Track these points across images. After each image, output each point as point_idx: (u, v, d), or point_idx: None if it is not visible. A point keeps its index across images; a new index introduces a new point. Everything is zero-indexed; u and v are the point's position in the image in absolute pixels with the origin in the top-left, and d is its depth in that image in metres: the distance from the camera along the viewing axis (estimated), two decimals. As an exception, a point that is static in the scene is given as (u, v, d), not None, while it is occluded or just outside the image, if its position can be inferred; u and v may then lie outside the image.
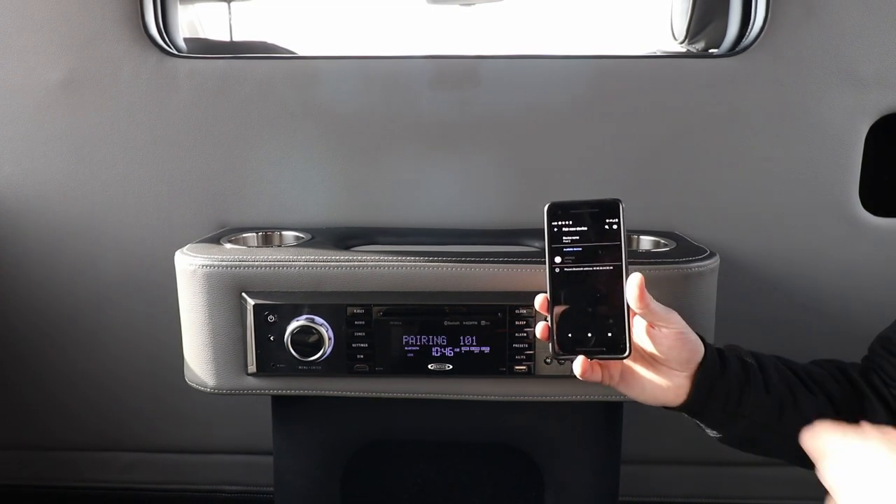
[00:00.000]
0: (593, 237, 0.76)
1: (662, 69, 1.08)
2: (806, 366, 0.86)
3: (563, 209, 0.76)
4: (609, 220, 0.75)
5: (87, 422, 1.32)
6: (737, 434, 0.81)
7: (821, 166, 1.08)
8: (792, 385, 0.81)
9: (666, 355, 0.77)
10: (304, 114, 1.11)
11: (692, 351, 0.77)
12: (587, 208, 0.76)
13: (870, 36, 1.04)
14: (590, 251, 0.76)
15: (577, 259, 0.76)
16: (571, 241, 0.76)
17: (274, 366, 0.95)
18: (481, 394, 0.97)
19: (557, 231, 0.76)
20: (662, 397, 0.79)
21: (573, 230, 0.76)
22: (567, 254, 0.76)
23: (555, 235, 0.76)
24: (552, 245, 0.76)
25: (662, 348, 0.76)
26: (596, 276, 0.76)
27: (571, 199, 0.76)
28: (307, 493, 1.14)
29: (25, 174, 1.15)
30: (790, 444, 0.76)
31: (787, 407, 0.79)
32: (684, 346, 0.77)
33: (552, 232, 0.76)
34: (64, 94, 1.11)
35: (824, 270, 1.13)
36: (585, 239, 0.76)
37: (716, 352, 0.81)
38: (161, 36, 1.12)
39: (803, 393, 0.81)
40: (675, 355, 0.77)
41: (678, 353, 0.77)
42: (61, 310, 1.23)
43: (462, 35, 2.20)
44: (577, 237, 0.76)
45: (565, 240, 0.76)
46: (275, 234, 1.13)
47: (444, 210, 1.14)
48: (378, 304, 0.93)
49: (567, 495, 1.12)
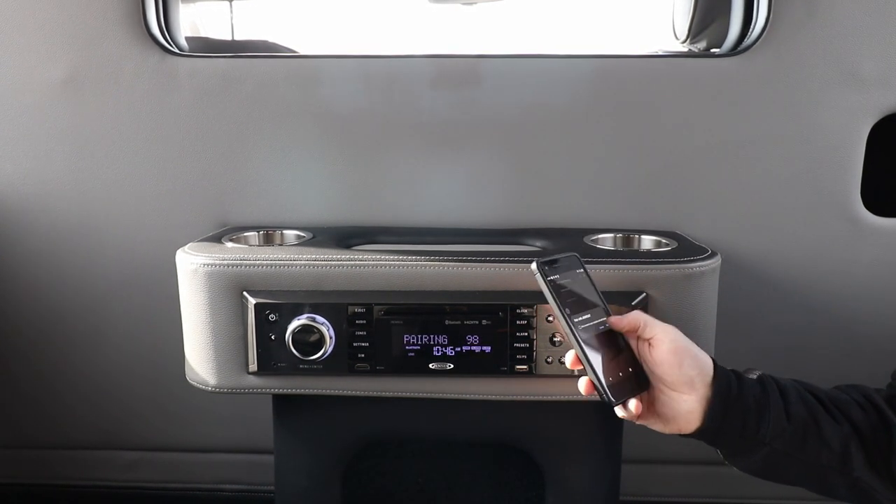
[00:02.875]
0: (577, 286, 0.78)
1: (664, 69, 1.08)
2: (828, 391, 0.80)
3: (549, 264, 0.77)
4: (578, 270, 0.79)
5: (89, 420, 1.32)
6: (757, 462, 0.76)
7: (822, 166, 1.08)
8: (814, 411, 0.75)
9: (667, 375, 0.74)
10: (305, 112, 1.11)
11: (693, 367, 0.74)
12: (565, 262, 0.79)
13: (871, 36, 1.04)
14: (581, 298, 0.78)
15: (580, 308, 0.77)
16: (567, 293, 0.77)
17: (275, 365, 0.95)
18: (482, 393, 0.97)
19: (555, 286, 0.77)
20: (676, 424, 0.76)
21: (564, 283, 0.77)
22: (570, 305, 0.76)
23: (555, 290, 0.76)
24: (557, 300, 0.76)
25: (662, 368, 0.74)
26: (603, 322, 0.78)
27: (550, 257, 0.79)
28: (308, 492, 1.14)
29: (26, 173, 1.15)
30: (815, 475, 0.73)
31: (811, 435, 0.74)
32: (682, 362, 0.74)
33: (551, 287, 0.76)
34: (65, 93, 1.11)
35: (826, 270, 1.13)
36: (575, 290, 0.78)
37: (731, 373, 0.76)
38: (163, 35, 1.12)
39: (827, 420, 0.75)
40: (674, 372, 0.74)
41: (678, 370, 0.74)
42: (62, 308, 1.23)
43: (463, 34, 2.19)
44: (569, 290, 0.77)
45: (563, 292, 0.77)
46: (276, 233, 1.13)
47: (445, 209, 1.14)
48: (379, 303, 0.93)
49: (567, 495, 1.12)
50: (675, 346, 0.75)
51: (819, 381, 1.19)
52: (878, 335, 1.16)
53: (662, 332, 0.76)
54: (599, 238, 1.07)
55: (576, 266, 0.79)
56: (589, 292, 0.79)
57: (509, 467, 1.15)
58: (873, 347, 1.17)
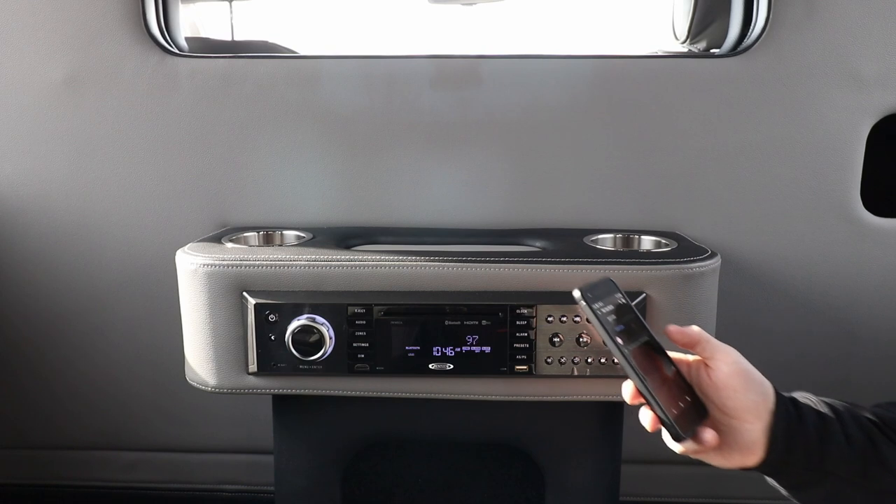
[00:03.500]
0: (620, 311, 0.71)
1: (664, 69, 1.08)
2: (875, 410, 0.74)
3: (591, 291, 0.70)
4: (616, 294, 0.71)
5: (88, 421, 1.32)
6: (820, 495, 0.69)
7: (822, 166, 1.08)
8: (870, 433, 0.69)
9: (728, 400, 0.67)
10: (305, 113, 1.11)
11: (757, 392, 0.68)
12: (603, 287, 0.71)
13: (871, 36, 1.04)
14: (627, 324, 0.70)
15: (628, 334, 0.70)
16: (615, 321, 0.69)
17: (275, 365, 0.95)
18: (482, 393, 0.97)
19: (601, 313, 0.69)
20: (738, 457, 0.69)
21: (607, 310, 0.70)
22: (620, 333, 0.69)
23: (602, 318, 0.69)
24: (606, 328, 0.68)
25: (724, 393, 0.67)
26: (648, 346, 0.71)
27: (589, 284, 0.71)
28: (308, 493, 1.14)
29: (26, 173, 1.15)
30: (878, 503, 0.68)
31: (871, 460, 0.68)
32: (747, 386, 0.67)
33: (598, 315, 0.68)
34: (65, 93, 1.11)
35: (825, 270, 1.13)
36: (618, 315, 0.70)
37: (788, 399, 0.70)
38: (163, 35, 1.12)
39: (884, 442, 0.69)
40: (738, 398, 0.67)
41: (742, 396, 0.67)
42: (62, 309, 1.23)
43: (463, 34, 2.20)
44: (613, 316, 0.70)
45: (610, 320, 0.69)
46: (276, 233, 1.13)
47: (444, 209, 1.15)
48: (379, 303, 0.93)
49: (568, 495, 1.12)
50: (738, 367, 0.68)
51: (819, 380, 1.20)
52: (878, 335, 1.16)
53: (723, 352, 0.69)
54: (599, 238, 1.08)
55: (613, 291, 0.72)
56: (632, 317, 0.71)
57: (509, 467, 1.15)
58: (873, 347, 1.17)
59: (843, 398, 1.24)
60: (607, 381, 0.95)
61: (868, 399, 1.20)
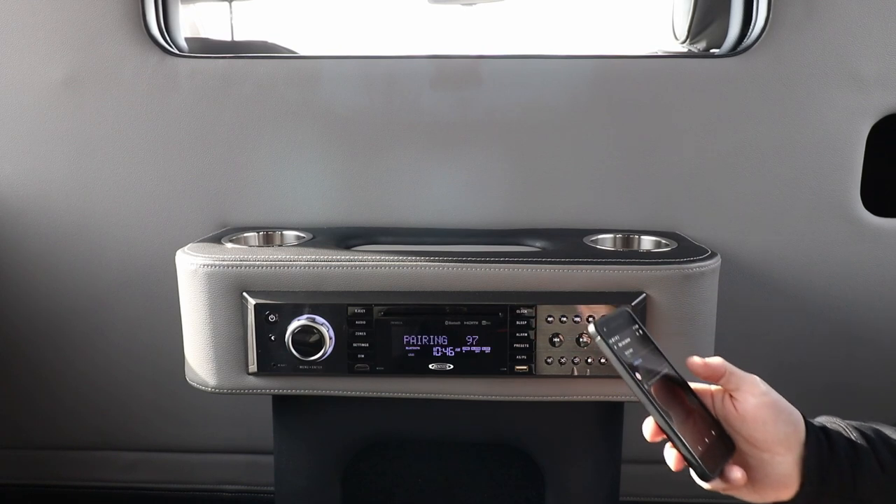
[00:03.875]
0: (638, 344, 0.68)
1: (664, 69, 1.08)
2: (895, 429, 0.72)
3: (606, 325, 0.67)
4: (633, 326, 0.69)
5: (88, 421, 1.32)
6: None
7: (822, 166, 1.08)
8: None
9: (758, 433, 0.65)
10: (305, 113, 1.11)
11: (787, 423, 0.65)
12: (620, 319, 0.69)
13: (871, 36, 1.04)
14: (646, 358, 0.68)
15: (648, 370, 0.67)
16: (632, 355, 0.67)
17: (275, 365, 0.95)
18: (482, 394, 0.97)
19: (617, 348, 0.66)
20: (770, 491, 0.66)
21: (624, 343, 0.67)
22: (638, 368, 0.66)
23: (618, 353, 0.66)
24: (623, 362, 0.66)
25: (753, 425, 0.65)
26: (668, 379, 0.68)
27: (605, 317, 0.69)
28: (308, 493, 1.14)
29: (26, 173, 1.15)
30: None
31: None
32: (778, 417, 0.65)
33: (614, 350, 0.66)
34: (65, 94, 1.11)
35: (825, 270, 1.13)
36: (635, 349, 0.68)
37: (818, 428, 0.67)
38: (162, 35, 1.12)
39: None
40: (768, 430, 0.64)
41: (772, 428, 0.64)
42: (62, 309, 1.23)
43: (463, 34, 2.20)
44: (630, 350, 0.67)
45: (627, 354, 0.67)
46: (276, 233, 1.13)
47: (444, 210, 1.15)
48: (379, 303, 0.93)
49: (567, 495, 1.12)
50: (768, 399, 0.65)
51: (820, 380, 1.20)
52: (878, 335, 1.16)
53: (750, 382, 0.66)
54: (599, 238, 1.08)
55: (630, 322, 0.69)
56: (650, 349, 0.69)
57: (509, 467, 1.15)
58: (873, 347, 1.17)
59: (843, 398, 1.24)
60: (607, 381, 0.95)
61: (868, 399, 1.21)
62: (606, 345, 0.66)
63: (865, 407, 1.20)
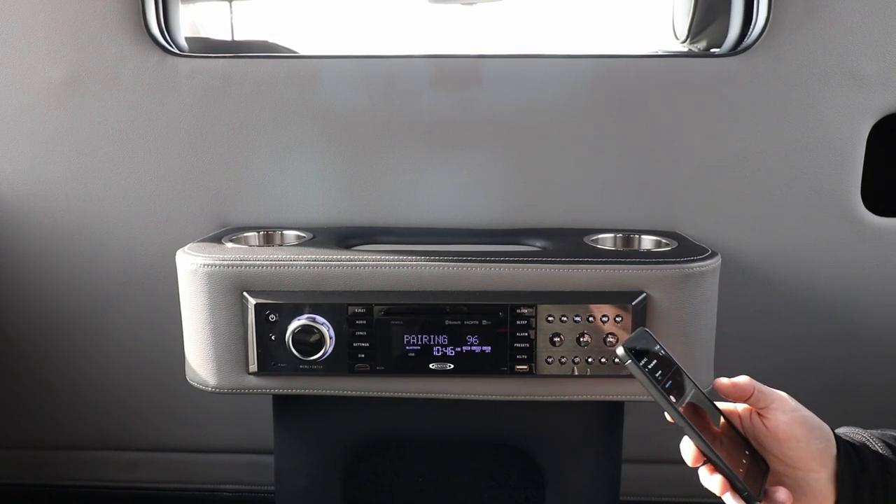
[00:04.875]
0: (664, 365, 0.67)
1: (664, 69, 1.08)
2: None
3: (633, 347, 0.66)
4: (656, 347, 0.68)
5: (89, 421, 1.32)
6: None
7: (823, 166, 1.08)
8: None
9: (791, 451, 0.64)
10: (305, 113, 1.11)
11: (820, 439, 0.64)
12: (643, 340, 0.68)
13: (872, 36, 1.04)
14: (673, 379, 0.66)
15: (678, 392, 0.65)
16: (661, 377, 0.65)
17: (275, 365, 0.95)
18: (482, 393, 0.97)
19: (649, 370, 0.65)
20: None
21: (652, 366, 0.66)
22: (670, 390, 0.65)
23: (650, 377, 0.64)
24: (656, 386, 0.64)
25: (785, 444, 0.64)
26: (697, 399, 0.66)
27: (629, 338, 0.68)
28: (308, 493, 1.14)
29: (26, 173, 1.15)
30: None
31: None
32: (811, 434, 0.64)
33: (646, 372, 0.64)
34: (65, 93, 1.11)
35: (826, 270, 1.13)
36: (663, 370, 0.66)
37: (847, 442, 0.67)
38: (162, 35, 1.12)
39: None
40: (800, 447, 0.64)
41: (805, 445, 0.64)
42: (62, 309, 1.23)
43: (463, 34, 2.20)
44: (659, 371, 0.66)
45: (657, 376, 0.65)
46: (276, 233, 1.13)
47: (444, 209, 1.14)
48: (379, 303, 0.93)
49: (567, 495, 1.12)
50: (798, 415, 0.64)
51: (821, 380, 1.20)
52: (879, 335, 1.17)
53: (779, 399, 0.65)
54: (599, 238, 1.07)
55: (652, 343, 0.68)
56: (674, 368, 0.67)
57: (509, 467, 1.15)
58: (874, 346, 1.17)
59: (843, 398, 1.24)
60: (607, 381, 0.95)
61: (869, 399, 1.21)
62: (638, 367, 0.64)
63: (866, 406, 1.21)
